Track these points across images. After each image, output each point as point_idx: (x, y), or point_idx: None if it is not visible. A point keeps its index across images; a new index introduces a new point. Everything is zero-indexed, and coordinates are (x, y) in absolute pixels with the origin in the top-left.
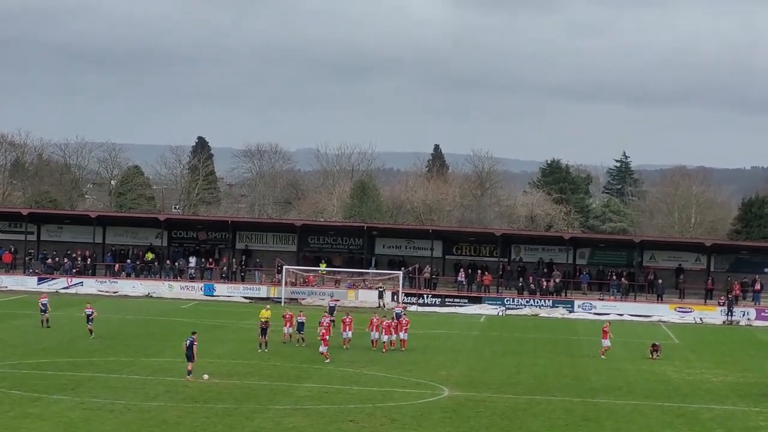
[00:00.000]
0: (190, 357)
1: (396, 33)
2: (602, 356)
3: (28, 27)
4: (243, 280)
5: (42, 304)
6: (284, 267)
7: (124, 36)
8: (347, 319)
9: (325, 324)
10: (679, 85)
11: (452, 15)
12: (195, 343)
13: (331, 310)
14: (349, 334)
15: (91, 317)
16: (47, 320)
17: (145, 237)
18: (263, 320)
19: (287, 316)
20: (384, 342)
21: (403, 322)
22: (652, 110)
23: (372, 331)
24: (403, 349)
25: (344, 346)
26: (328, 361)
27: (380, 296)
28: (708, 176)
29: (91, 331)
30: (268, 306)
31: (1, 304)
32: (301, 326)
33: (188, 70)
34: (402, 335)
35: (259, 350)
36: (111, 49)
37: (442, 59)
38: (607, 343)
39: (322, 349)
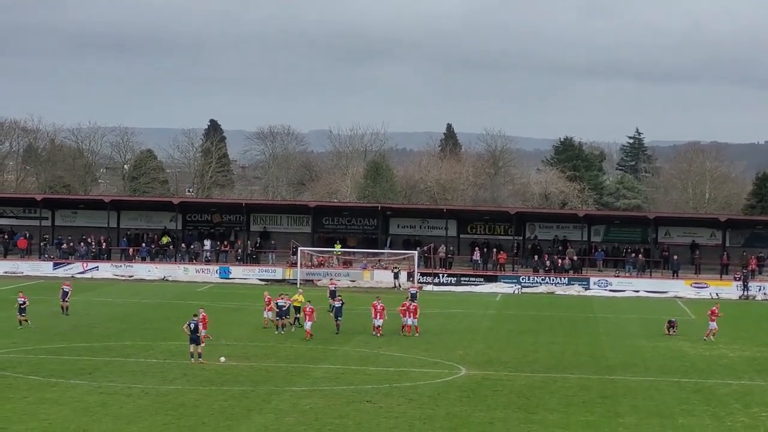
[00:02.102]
0: (196, 340)
1: (407, 14)
2: (710, 338)
3: (39, 13)
4: (258, 262)
5: (63, 291)
6: (299, 248)
7: (135, 21)
8: (378, 306)
9: (308, 310)
10: (691, 60)
11: None
12: (200, 324)
13: (332, 294)
14: (379, 321)
15: (23, 306)
16: (66, 308)
17: (159, 221)
18: (297, 305)
19: (267, 300)
20: (408, 324)
21: (412, 307)
22: (664, 86)
23: (375, 317)
24: (417, 334)
25: (375, 334)
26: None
27: (395, 276)
28: (722, 151)
29: (20, 322)
30: (300, 290)
31: (17, 290)
32: (281, 313)
33: (200, 53)
34: (412, 321)
35: (276, 332)
36: (122, 34)
37: (453, 39)
38: (713, 325)
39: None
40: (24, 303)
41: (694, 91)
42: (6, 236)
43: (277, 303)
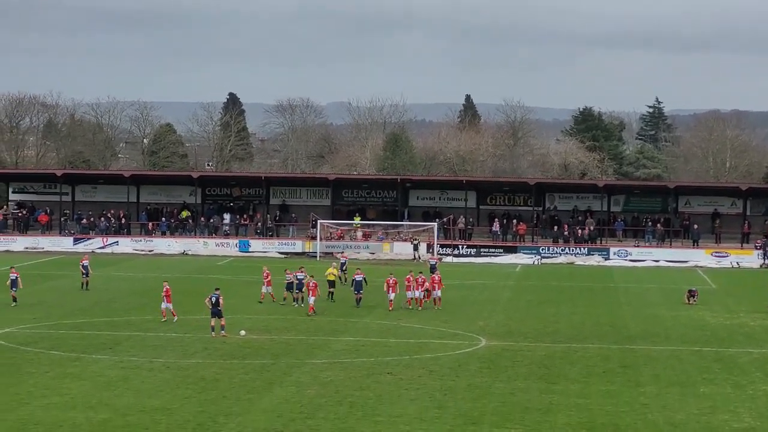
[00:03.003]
0: (217, 313)
1: None
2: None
3: None
4: (278, 235)
5: (83, 266)
6: (318, 221)
7: None
8: (391, 280)
9: (311, 285)
10: (711, 29)
11: None
12: (221, 298)
13: (342, 266)
14: (416, 293)
15: (16, 282)
16: (87, 283)
17: (179, 195)
18: (331, 279)
19: (266, 274)
20: (415, 298)
21: (436, 278)
22: (684, 55)
23: (408, 290)
24: (438, 307)
25: (408, 306)
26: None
27: (415, 248)
28: (742, 119)
29: (14, 298)
30: (334, 263)
31: (39, 266)
32: (300, 286)
33: (218, 27)
34: (436, 293)
35: (295, 304)
36: (141, 8)
37: (472, 10)
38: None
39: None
40: (16, 278)
41: (715, 59)
42: (27, 212)
43: (296, 276)
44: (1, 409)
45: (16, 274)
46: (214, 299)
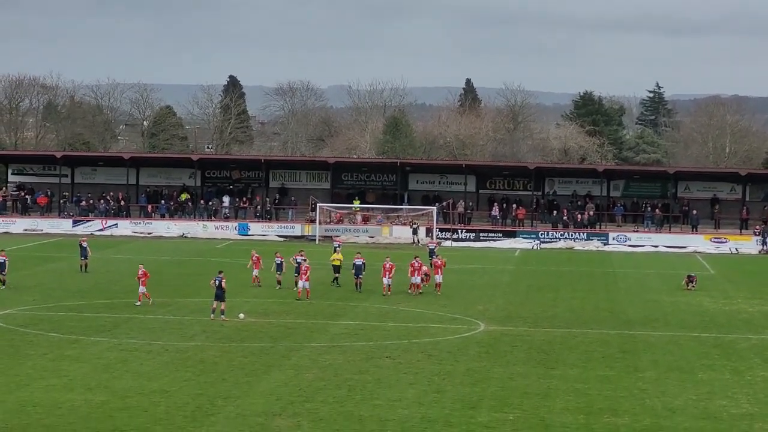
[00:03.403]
0: (220, 296)
1: None
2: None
3: None
4: (277, 218)
5: (82, 247)
6: (318, 204)
7: None
8: (387, 265)
9: (303, 269)
10: (711, 13)
11: None
12: (223, 281)
13: (334, 250)
14: (417, 279)
15: (3, 266)
16: (86, 266)
17: (178, 177)
18: (336, 264)
19: (256, 258)
20: (415, 283)
21: (438, 263)
22: (685, 39)
23: (412, 275)
24: (438, 292)
25: (385, 293)
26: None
27: (414, 232)
28: (742, 105)
29: (2, 281)
30: (338, 248)
31: (38, 248)
32: (297, 270)
33: (219, 8)
34: (437, 278)
35: (278, 287)
36: None
37: None
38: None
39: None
40: (4, 262)
41: (715, 44)
42: (26, 193)
43: (296, 259)
44: (1, 391)
45: (4, 258)
46: (217, 281)
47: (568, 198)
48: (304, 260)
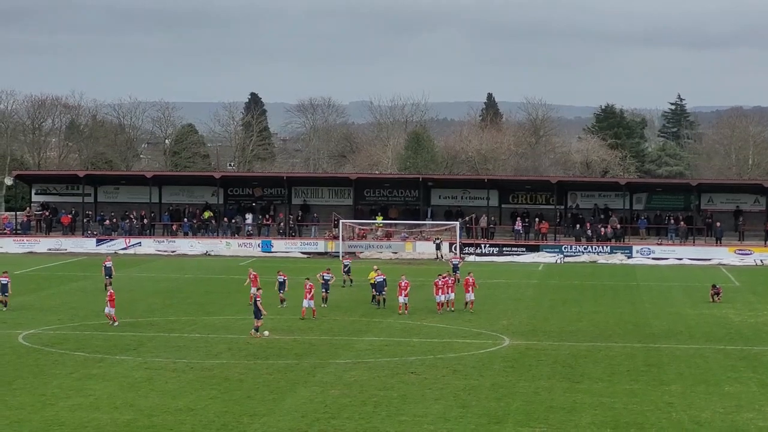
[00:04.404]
0: (257, 314)
1: None
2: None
3: None
4: (300, 235)
5: (106, 267)
6: (340, 221)
7: None
8: (403, 283)
9: (307, 287)
10: (732, 26)
11: None
12: (258, 299)
13: (347, 270)
14: (442, 297)
15: (7, 287)
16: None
17: (201, 195)
18: (372, 282)
19: (252, 276)
20: (440, 301)
21: (471, 281)
22: (706, 52)
23: (437, 294)
24: (471, 310)
25: (439, 310)
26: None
27: (437, 248)
28: (765, 116)
29: (4, 303)
30: (376, 267)
31: (62, 267)
32: (326, 286)
33: (238, 26)
34: (469, 296)
35: (324, 305)
36: (162, 8)
37: (494, 7)
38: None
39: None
40: (7, 283)
41: (736, 56)
42: (49, 213)
43: (323, 276)
44: (27, 410)
45: (7, 279)
46: (252, 299)
47: (590, 211)
48: (331, 278)
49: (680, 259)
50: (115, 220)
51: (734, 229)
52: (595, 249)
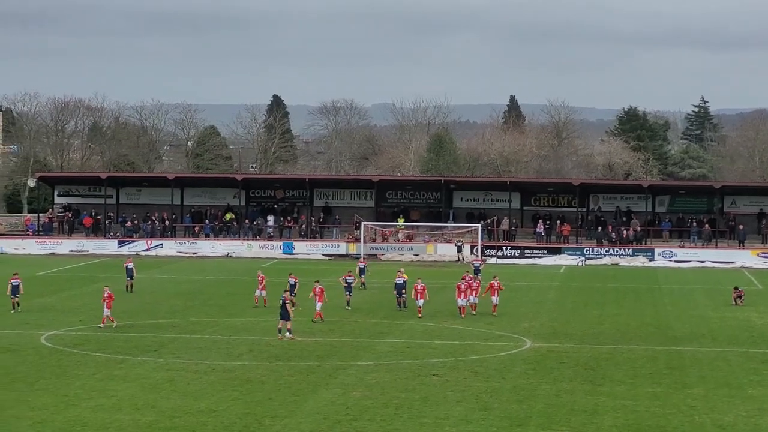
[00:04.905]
0: (285, 316)
1: None
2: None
3: None
4: (321, 237)
5: (128, 268)
6: (362, 223)
7: None
8: (419, 286)
9: (317, 290)
10: (756, 27)
11: None
12: (286, 300)
13: (361, 271)
14: (463, 302)
15: (18, 288)
16: (131, 286)
17: (223, 197)
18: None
19: (261, 278)
20: (462, 306)
21: (495, 285)
22: (729, 54)
23: (460, 297)
24: (494, 313)
25: (462, 315)
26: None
27: (459, 250)
28: None
29: (14, 304)
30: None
31: (84, 268)
32: (348, 289)
33: (261, 29)
34: (494, 299)
35: (348, 308)
36: (185, 11)
37: (516, 10)
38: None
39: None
40: (19, 284)
41: (760, 58)
42: (72, 214)
43: (345, 279)
44: (49, 411)
45: (18, 281)
46: (281, 301)
47: (613, 214)
48: (353, 280)
49: (702, 261)
50: (136, 221)
51: (757, 232)
52: (617, 252)
